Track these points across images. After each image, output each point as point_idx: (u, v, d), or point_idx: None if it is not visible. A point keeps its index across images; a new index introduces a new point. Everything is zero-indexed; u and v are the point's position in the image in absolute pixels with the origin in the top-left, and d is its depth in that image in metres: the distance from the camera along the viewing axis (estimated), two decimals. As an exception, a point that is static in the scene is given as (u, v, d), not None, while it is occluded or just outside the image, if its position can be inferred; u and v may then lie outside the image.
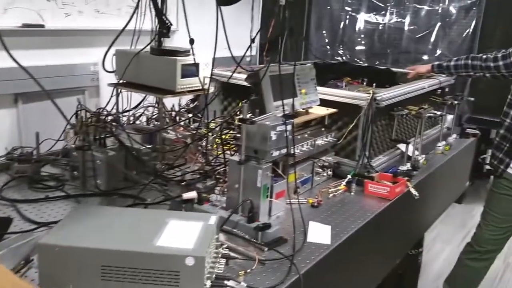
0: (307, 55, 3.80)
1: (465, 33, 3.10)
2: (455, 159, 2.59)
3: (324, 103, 2.04)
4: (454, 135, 2.82)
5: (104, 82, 2.09)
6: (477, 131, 2.94)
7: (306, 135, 1.86)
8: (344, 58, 3.64)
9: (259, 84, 1.65)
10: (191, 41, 3.52)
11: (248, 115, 1.64)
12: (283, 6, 1.72)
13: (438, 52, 3.23)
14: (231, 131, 1.72)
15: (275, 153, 1.50)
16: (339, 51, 3.67)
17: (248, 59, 4.69)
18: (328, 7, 3.67)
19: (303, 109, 1.87)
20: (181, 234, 1.11)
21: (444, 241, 3.75)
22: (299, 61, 3.70)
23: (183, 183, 1.62)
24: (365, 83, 2.83)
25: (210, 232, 1.14)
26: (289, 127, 1.53)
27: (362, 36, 3.56)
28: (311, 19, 3.72)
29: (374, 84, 2.74)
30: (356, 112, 1.99)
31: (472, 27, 3.08)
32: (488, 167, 2.48)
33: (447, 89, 2.73)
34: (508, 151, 2.23)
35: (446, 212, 3.42)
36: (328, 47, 3.73)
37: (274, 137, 1.47)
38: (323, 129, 1.99)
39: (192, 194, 1.48)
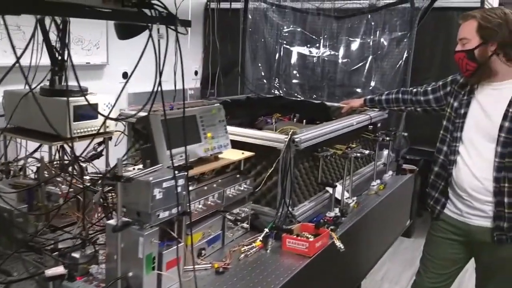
0: (244, 89, 3.63)
1: (398, 65, 3.04)
2: (391, 199, 2.43)
3: (241, 145, 1.84)
4: (390, 172, 2.69)
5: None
6: (414, 167, 2.82)
7: (215, 185, 1.63)
8: (280, 91, 3.50)
9: (149, 130, 1.42)
10: (124, 75, 3.19)
11: (137, 167, 1.40)
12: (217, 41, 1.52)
13: (372, 84, 3.14)
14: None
15: (163, 214, 1.26)
16: (275, 84, 3.53)
17: (190, 92, 4.49)
18: (262, 40, 3.55)
19: (211, 155, 1.65)
20: None
21: (392, 281, 3.56)
22: (235, 95, 3.52)
23: (55, 253, 1.33)
24: (296, 119, 2.66)
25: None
26: (182, 181, 1.30)
27: (298, 69, 3.45)
28: (246, 51, 3.58)
29: (304, 120, 2.58)
30: (275, 154, 1.79)
31: (404, 59, 3.02)
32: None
33: (379, 125, 2.61)
34: (444, 190, 2.08)
35: (393, 248, 3.26)
36: (264, 80, 3.59)
37: (159, 196, 1.23)
38: (238, 175, 1.77)
39: (58, 270, 1.20)
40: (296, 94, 3.45)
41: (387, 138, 2.48)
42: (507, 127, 1.80)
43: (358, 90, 3.20)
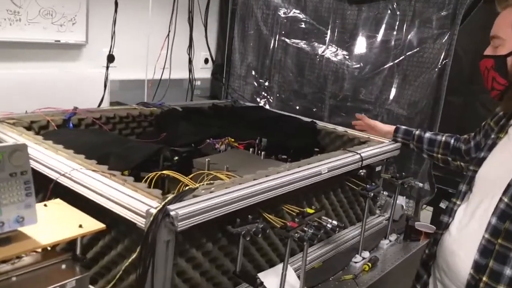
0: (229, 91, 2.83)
1: (429, 77, 2.11)
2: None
3: (98, 208, 1.08)
4: (394, 236, 1.79)
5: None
6: (431, 227, 1.90)
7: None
8: (270, 98, 2.67)
9: None
10: (110, 58, 2.41)
11: None
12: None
13: (390, 98, 2.23)
14: None
15: None
16: (265, 88, 2.70)
17: (197, 83, 3.75)
18: (256, 28, 2.70)
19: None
20: None
21: None
22: (218, 99, 2.70)
23: None
24: (261, 147, 1.83)
25: None
26: None
27: (295, 71, 2.59)
28: (234, 42, 2.76)
29: (263, 153, 1.74)
30: (139, 233, 1.02)
31: (439, 67, 2.08)
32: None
33: (379, 168, 1.71)
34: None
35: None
36: (255, 83, 2.76)
37: None
38: (64, 266, 1.01)
39: None
40: (291, 103, 2.61)
41: (387, 197, 1.59)
42: None
43: (370, 107, 2.30)
